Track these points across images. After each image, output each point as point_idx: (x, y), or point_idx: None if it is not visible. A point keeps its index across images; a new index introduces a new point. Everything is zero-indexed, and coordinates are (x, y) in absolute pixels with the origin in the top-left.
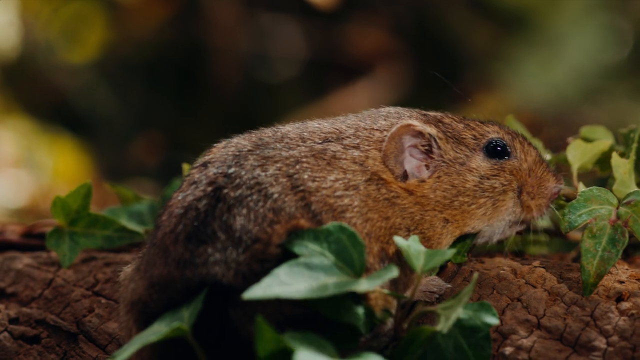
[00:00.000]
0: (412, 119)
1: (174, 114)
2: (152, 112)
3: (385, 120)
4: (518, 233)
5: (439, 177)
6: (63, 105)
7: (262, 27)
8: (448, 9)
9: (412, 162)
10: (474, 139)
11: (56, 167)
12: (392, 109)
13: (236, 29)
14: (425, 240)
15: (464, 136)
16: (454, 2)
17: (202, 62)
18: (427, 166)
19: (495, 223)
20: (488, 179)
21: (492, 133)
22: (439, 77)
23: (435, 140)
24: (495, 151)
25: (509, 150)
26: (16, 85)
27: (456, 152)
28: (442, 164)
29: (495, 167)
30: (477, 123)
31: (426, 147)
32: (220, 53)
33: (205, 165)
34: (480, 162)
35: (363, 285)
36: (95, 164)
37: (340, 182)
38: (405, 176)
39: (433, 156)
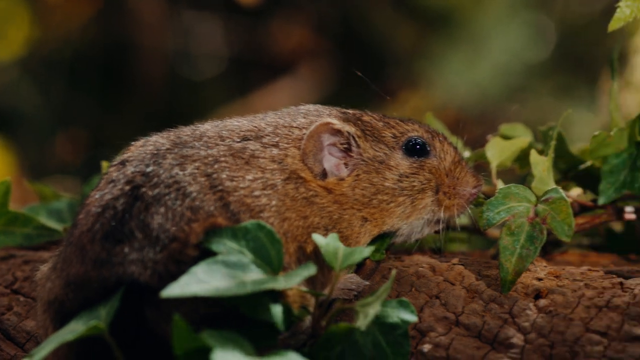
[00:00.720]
0: (331, 117)
1: (97, 111)
2: (75, 109)
3: (304, 118)
4: (436, 232)
5: (357, 175)
6: None
7: (185, 25)
8: (372, 8)
9: (331, 161)
10: (393, 138)
11: None
12: (311, 107)
13: (160, 27)
14: (344, 239)
15: (383, 134)
16: (378, 1)
17: (126, 59)
18: (346, 164)
19: (414, 222)
20: (407, 177)
21: (412, 131)
22: (361, 75)
23: (354, 139)
24: (415, 150)
25: (428, 149)
26: None
27: (375, 150)
28: (361, 162)
29: (414, 165)
30: (397, 121)
31: (345, 146)
32: (144, 50)
33: (123, 163)
34: (399, 160)
35: (281, 283)
36: (17, 161)
37: (259, 181)
38: (324, 175)
39: (352, 154)
